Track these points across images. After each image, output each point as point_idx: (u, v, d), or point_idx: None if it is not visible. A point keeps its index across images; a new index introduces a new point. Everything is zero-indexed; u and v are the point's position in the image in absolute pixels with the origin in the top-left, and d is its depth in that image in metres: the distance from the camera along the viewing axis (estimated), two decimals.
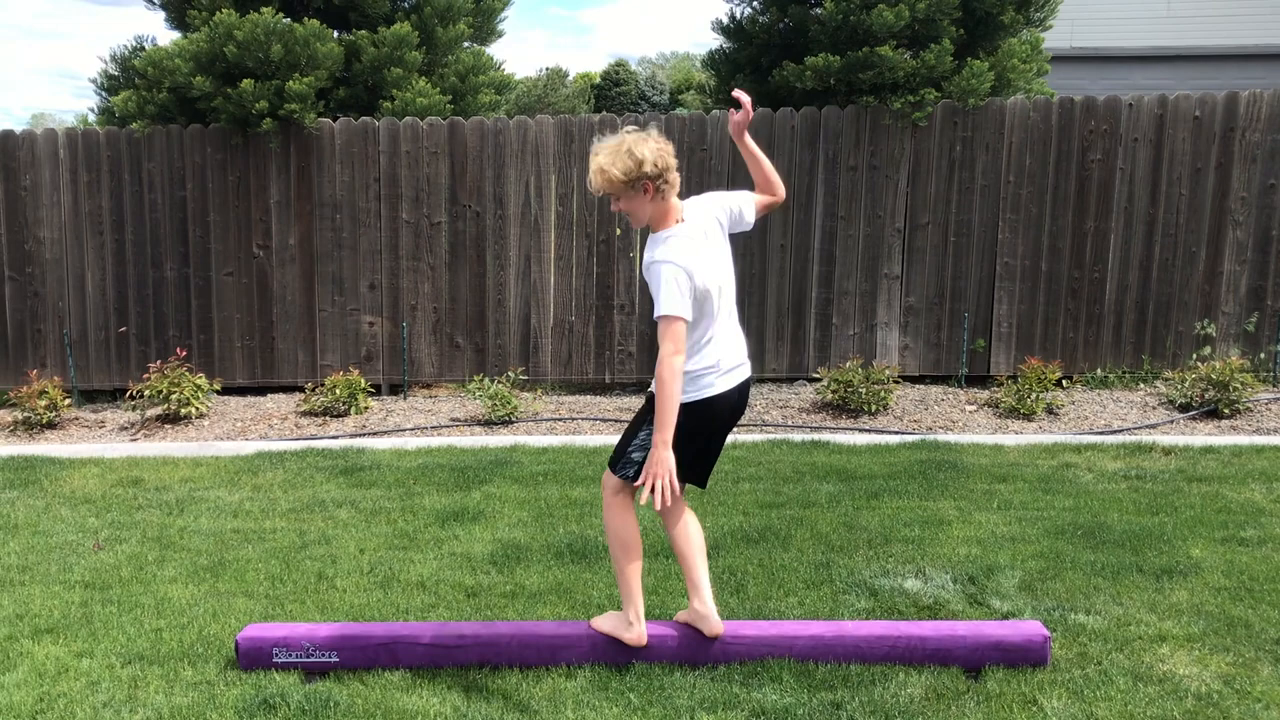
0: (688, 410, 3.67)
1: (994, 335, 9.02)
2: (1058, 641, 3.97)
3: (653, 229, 3.75)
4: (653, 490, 3.49)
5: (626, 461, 3.81)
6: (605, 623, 3.92)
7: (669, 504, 3.53)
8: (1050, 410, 8.11)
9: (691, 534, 3.92)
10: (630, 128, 3.77)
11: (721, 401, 3.78)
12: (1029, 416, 8.01)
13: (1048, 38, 10.09)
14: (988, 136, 8.84)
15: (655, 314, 3.62)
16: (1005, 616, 4.24)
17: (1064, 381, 8.68)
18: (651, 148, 3.62)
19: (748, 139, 3.97)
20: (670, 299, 3.56)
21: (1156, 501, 5.76)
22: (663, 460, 3.51)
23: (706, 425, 3.80)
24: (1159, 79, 14.45)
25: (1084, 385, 8.78)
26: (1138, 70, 15.17)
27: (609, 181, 3.63)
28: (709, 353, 3.74)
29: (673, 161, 3.67)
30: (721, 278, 3.77)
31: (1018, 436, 7.51)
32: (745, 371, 3.88)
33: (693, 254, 3.65)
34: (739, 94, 3.87)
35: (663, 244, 3.67)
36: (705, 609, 3.88)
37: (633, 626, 3.85)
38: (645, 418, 3.78)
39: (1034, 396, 8.05)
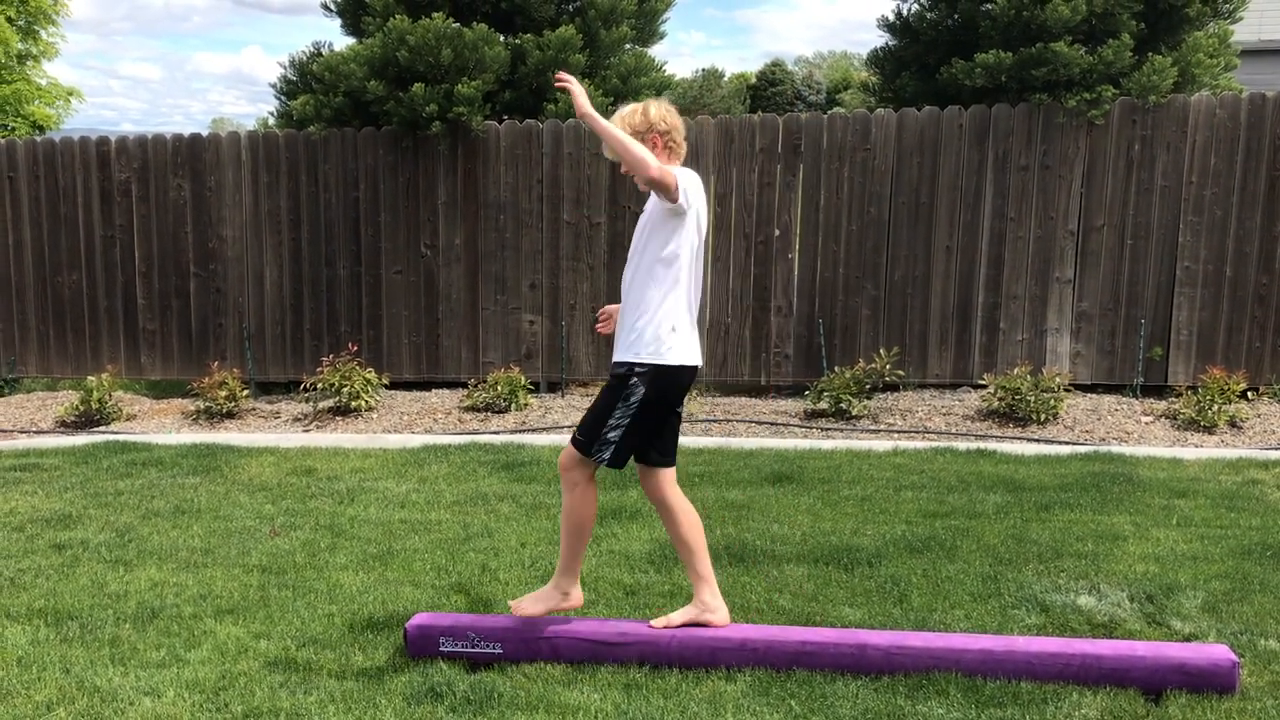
0: (654, 375, 3.75)
1: (1172, 343, 8.60)
2: (1247, 668, 3.75)
3: None
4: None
5: (603, 443, 3.79)
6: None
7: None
8: (1233, 423, 7.69)
9: (696, 521, 3.92)
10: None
11: (687, 375, 3.83)
12: (1210, 429, 7.61)
13: (1234, 30, 9.56)
14: (1169, 135, 8.44)
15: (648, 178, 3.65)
16: (1187, 638, 4.02)
17: (1249, 393, 8.22)
18: (662, 107, 3.87)
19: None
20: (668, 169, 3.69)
21: None
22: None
23: (667, 397, 3.82)
24: None
25: (1271, 398, 8.29)
26: None
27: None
28: (677, 303, 3.78)
29: (681, 126, 3.90)
30: (702, 240, 3.89)
31: (1198, 450, 7.14)
32: (700, 356, 3.91)
33: (697, 186, 3.78)
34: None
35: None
36: (718, 600, 3.93)
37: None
38: (615, 395, 3.79)
39: (1216, 408, 7.64)
